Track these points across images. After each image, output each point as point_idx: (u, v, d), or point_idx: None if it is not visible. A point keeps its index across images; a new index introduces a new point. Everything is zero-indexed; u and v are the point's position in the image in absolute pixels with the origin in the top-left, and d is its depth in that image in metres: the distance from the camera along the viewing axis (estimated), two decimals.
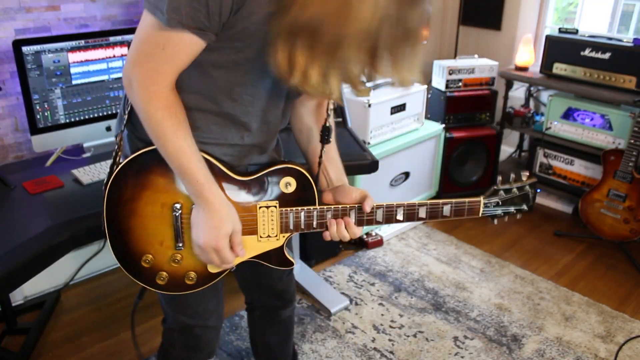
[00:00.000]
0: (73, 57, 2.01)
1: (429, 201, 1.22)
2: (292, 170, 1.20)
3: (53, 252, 1.58)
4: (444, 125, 3.09)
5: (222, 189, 1.15)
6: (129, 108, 1.17)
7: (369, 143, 2.68)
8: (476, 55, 3.34)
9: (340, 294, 2.47)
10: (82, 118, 2.09)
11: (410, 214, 1.23)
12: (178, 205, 1.16)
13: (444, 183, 3.27)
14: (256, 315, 1.65)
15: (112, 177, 1.14)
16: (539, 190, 3.66)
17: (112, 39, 2.10)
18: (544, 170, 3.25)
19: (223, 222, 1.11)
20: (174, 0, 0.92)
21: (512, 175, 1.26)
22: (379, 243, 2.86)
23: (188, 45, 0.99)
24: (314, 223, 1.22)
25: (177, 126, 1.04)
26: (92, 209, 1.72)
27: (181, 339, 1.41)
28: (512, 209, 1.27)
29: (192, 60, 1.03)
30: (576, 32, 3.02)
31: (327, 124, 1.27)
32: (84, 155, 2.14)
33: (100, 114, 2.14)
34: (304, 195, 1.21)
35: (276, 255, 1.26)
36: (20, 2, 2.07)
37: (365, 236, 2.85)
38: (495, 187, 1.25)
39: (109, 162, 1.98)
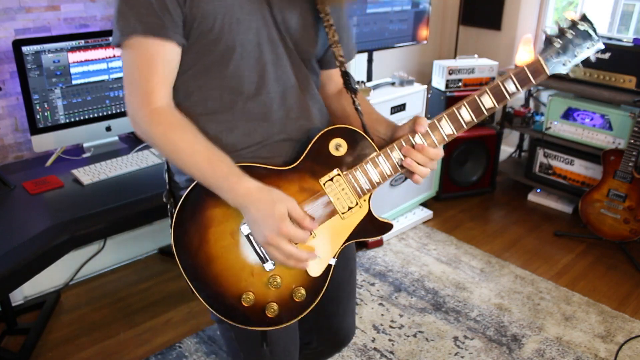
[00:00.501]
0: (73, 57, 2.01)
1: (486, 87, 1.08)
2: (333, 130, 1.10)
3: (53, 252, 1.58)
4: None
5: (278, 186, 1.06)
6: (165, 165, 1.17)
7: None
8: (476, 55, 3.34)
9: None
10: (82, 118, 2.09)
11: (476, 108, 1.09)
12: (245, 226, 1.06)
13: (444, 183, 3.27)
14: (304, 353, 1.49)
15: (173, 234, 1.07)
16: (539, 191, 3.62)
17: (112, 38, 2.10)
18: (544, 170, 3.25)
19: (272, 206, 0.99)
20: (123, 17, 0.96)
21: (557, 21, 1.11)
22: (378, 243, 2.86)
23: (157, 53, 0.98)
24: (386, 169, 1.10)
25: (183, 131, 1.02)
26: (92, 209, 1.72)
27: None
28: (578, 51, 1.11)
29: (175, 69, 1.02)
30: None
31: (344, 69, 1.18)
32: (84, 155, 2.14)
33: (100, 114, 2.14)
34: (360, 148, 1.10)
35: (369, 225, 1.13)
36: (20, 2, 2.07)
37: None
38: (547, 37, 1.10)
39: (109, 162, 2.02)
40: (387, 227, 1.15)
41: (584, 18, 1.10)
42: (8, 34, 2.07)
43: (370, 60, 3.00)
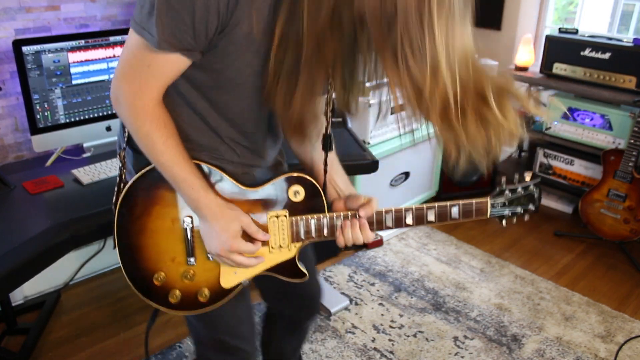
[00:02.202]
0: (73, 57, 2.01)
1: (436, 204, 1.21)
2: (300, 178, 1.19)
3: (53, 252, 1.58)
4: None
5: (232, 200, 1.15)
6: (127, 131, 1.18)
7: (369, 143, 2.68)
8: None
9: (340, 294, 2.47)
10: (82, 118, 2.09)
11: (419, 217, 1.21)
12: (188, 219, 1.16)
13: (444, 183, 3.27)
14: (279, 324, 1.62)
15: (123, 194, 1.14)
16: None
17: (112, 38, 2.10)
18: (544, 170, 3.25)
19: (229, 223, 1.11)
20: (162, 23, 0.92)
21: (516, 176, 1.26)
22: (378, 243, 2.86)
23: (174, 64, 1.00)
24: (325, 231, 1.20)
25: (167, 136, 1.05)
26: (92, 209, 1.72)
27: (218, 356, 1.37)
28: (519, 209, 1.26)
29: (178, 76, 1.04)
30: (576, 32, 3.02)
31: (329, 132, 1.26)
32: (84, 155, 2.14)
33: (100, 114, 2.14)
34: (313, 203, 1.21)
35: (288, 267, 1.25)
36: (20, 2, 2.07)
37: None
38: (500, 188, 1.25)
39: (109, 162, 2.01)
40: (301, 275, 1.26)
41: (538, 185, 1.26)
42: (8, 33, 2.07)
43: None
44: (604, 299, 2.48)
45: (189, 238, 1.17)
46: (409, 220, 1.21)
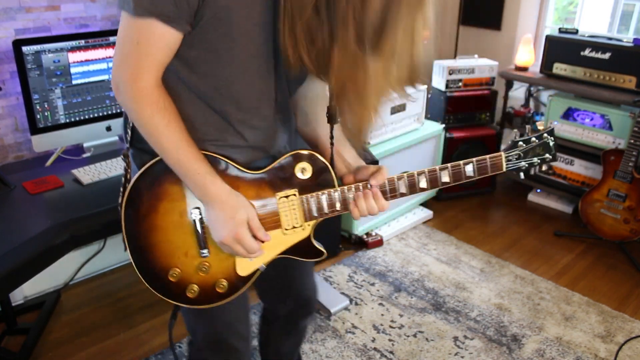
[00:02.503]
0: (73, 57, 2.01)
1: (449, 164, 1.17)
2: (305, 155, 1.16)
3: (53, 252, 1.58)
4: (444, 125, 3.09)
5: (237, 187, 1.13)
6: (131, 124, 1.17)
7: (369, 143, 2.68)
8: (476, 55, 3.34)
9: (340, 294, 2.47)
10: (82, 118, 2.09)
11: (433, 179, 1.17)
12: (196, 211, 1.14)
13: None
14: (275, 325, 1.60)
15: (126, 194, 1.12)
16: (539, 191, 3.63)
17: (112, 38, 2.10)
18: (544, 170, 3.25)
19: (235, 211, 1.09)
20: None
21: (528, 127, 1.22)
22: (378, 243, 2.86)
23: (160, 37, 0.97)
24: (338, 205, 1.18)
25: (169, 119, 1.03)
26: (92, 209, 1.72)
27: (213, 356, 1.36)
28: (535, 159, 1.21)
29: (172, 54, 1.02)
30: (576, 32, 3.02)
31: (332, 103, 1.22)
32: (84, 155, 2.14)
33: (100, 114, 2.14)
34: (322, 178, 1.18)
35: (305, 247, 1.22)
36: (20, 2, 2.07)
37: (365, 236, 2.85)
38: (513, 140, 1.20)
39: (109, 162, 2.02)
40: (320, 254, 1.23)
41: (551, 132, 1.22)
42: (8, 34, 2.07)
43: None
44: (604, 299, 2.48)
45: (199, 230, 1.14)
46: (423, 184, 1.18)
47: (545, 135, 1.20)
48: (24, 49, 1.89)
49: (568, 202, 3.26)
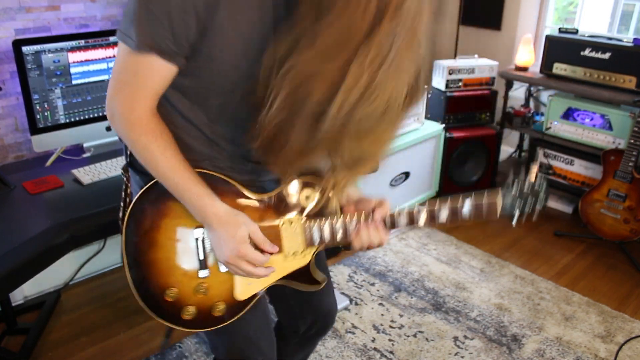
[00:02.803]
0: (73, 57, 2.01)
1: (448, 204, 1.19)
2: (310, 182, 1.17)
3: (53, 252, 1.58)
4: (444, 125, 3.09)
5: (242, 209, 1.12)
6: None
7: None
8: (476, 55, 3.34)
9: (340, 294, 2.47)
10: (82, 118, 2.09)
11: (431, 219, 1.19)
12: (199, 230, 1.13)
13: (444, 183, 3.27)
14: (292, 340, 1.56)
15: (130, 208, 1.11)
16: None
17: (112, 38, 2.10)
18: (544, 170, 3.25)
19: (235, 229, 1.08)
20: (142, 26, 0.94)
21: (522, 174, 1.23)
22: None
23: (158, 70, 0.99)
24: (339, 235, 1.18)
25: (165, 146, 1.04)
26: (92, 209, 1.72)
27: None
28: (527, 206, 1.22)
29: (168, 85, 1.04)
30: (576, 32, 3.02)
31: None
32: (84, 155, 2.14)
33: (100, 114, 2.14)
34: (325, 206, 1.18)
35: (304, 275, 1.22)
36: (20, 2, 2.07)
37: None
38: (509, 184, 1.22)
39: (109, 162, 2.01)
40: (319, 283, 1.24)
41: (544, 179, 1.22)
42: (8, 33, 2.07)
43: None
44: (604, 299, 2.48)
45: (200, 249, 1.13)
46: (421, 221, 1.19)
47: (539, 183, 1.22)
48: (24, 49, 1.89)
49: (568, 202, 3.26)
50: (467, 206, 1.17)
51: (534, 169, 1.23)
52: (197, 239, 1.13)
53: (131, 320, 2.29)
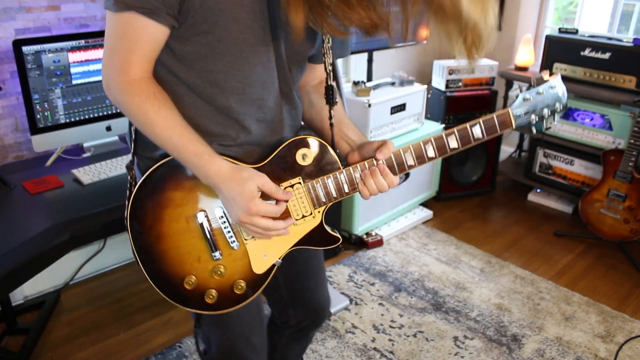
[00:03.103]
0: (73, 57, 2.01)
1: (455, 128, 1.13)
2: (303, 140, 1.13)
3: (53, 252, 1.58)
4: (444, 125, 3.09)
5: None
6: (133, 136, 1.16)
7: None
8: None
9: (340, 294, 2.47)
10: (82, 118, 2.09)
11: (441, 147, 1.13)
12: (202, 214, 1.11)
13: (444, 183, 3.27)
14: (284, 332, 1.57)
15: (130, 206, 1.10)
16: (539, 191, 3.61)
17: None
18: (544, 170, 3.25)
19: (241, 184, 1.03)
20: None
21: (533, 78, 1.14)
22: (378, 243, 2.86)
23: (143, 30, 0.97)
24: (345, 187, 1.14)
25: (159, 105, 1.02)
26: (92, 209, 1.72)
27: None
28: (545, 111, 1.14)
29: (159, 48, 1.02)
30: (576, 32, 3.02)
31: (329, 83, 1.20)
32: (84, 155, 2.14)
33: (100, 114, 2.14)
34: (325, 162, 1.14)
35: (318, 235, 1.18)
36: (20, 2, 2.07)
37: (365, 236, 2.85)
38: (519, 94, 1.14)
39: (109, 162, 2.02)
40: (335, 240, 1.20)
41: (558, 81, 1.15)
42: (8, 33, 2.06)
43: (370, 60, 3.00)
44: (604, 299, 2.48)
45: (208, 232, 1.12)
46: (431, 152, 1.14)
47: (553, 84, 1.13)
48: (24, 49, 1.89)
49: (568, 202, 3.26)
50: (477, 125, 1.12)
51: (545, 74, 1.15)
52: (201, 223, 1.11)
53: (131, 320, 2.29)
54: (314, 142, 1.13)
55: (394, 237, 2.95)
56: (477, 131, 1.12)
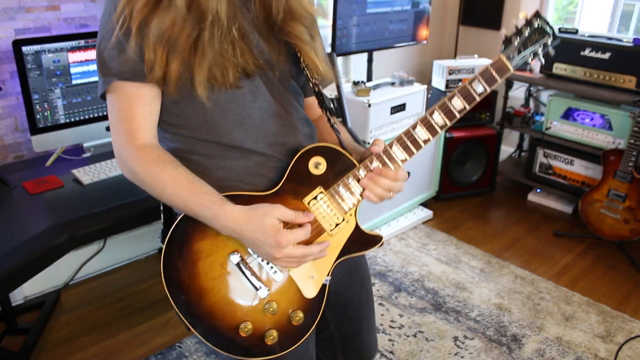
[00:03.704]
0: (73, 57, 2.01)
1: (456, 89, 1.10)
2: (310, 150, 1.10)
3: (53, 252, 1.58)
4: None
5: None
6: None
7: (368, 143, 2.68)
8: (476, 55, 3.34)
9: None
10: (82, 118, 2.09)
11: (447, 112, 1.10)
12: (235, 255, 1.06)
13: (444, 183, 3.27)
14: None
15: (162, 273, 1.06)
16: (539, 191, 3.62)
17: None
18: (544, 170, 3.25)
19: (262, 222, 1.00)
20: (102, 67, 1.03)
21: (513, 21, 1.14)
22: None
23: (136, 94, 1.02)
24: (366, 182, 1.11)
25: (164, 165, 1.02)
26: (92, 209, 1.72)
27: None
28: (537, 46, 1.13)
29: (157, 108, 1.05)
30: (576, 32, 3.02)
31: (317, 90, 1.19)
32: (84, 155, 2.14)
33: (100, 114, 2.14)
34: (339, 164, 1.11)
35: (358, 239, 1.14)
36: (20, 2, 2.07)
37: None
38: (506, 37, 1.13)
39: (109, 162, 2.02)
40: (376, 239, 1.16)
41: (537, 15, 1.13)
42: (8, 33, 2.06)
43: (370, 60, 3.00)
44: (604, 299, 2.48)
45: (246, 272, 1.06)
46: (439, 119, 1.11)
47: (535, 20, 1.12)
48: (24, 49, 1.89)
49: (568, 202, 3.26)
50: (476, 80, 1.10)
51: (523, 14, 1.14)
52: (238, 264, 1.07)
53: (131, 320, 2.29)
54: (322, 148, 1.10)
55: (394, 237, 2.95)
56: (477, 86, 1.10)
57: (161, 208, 1.18)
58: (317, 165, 1.10)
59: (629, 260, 2.76)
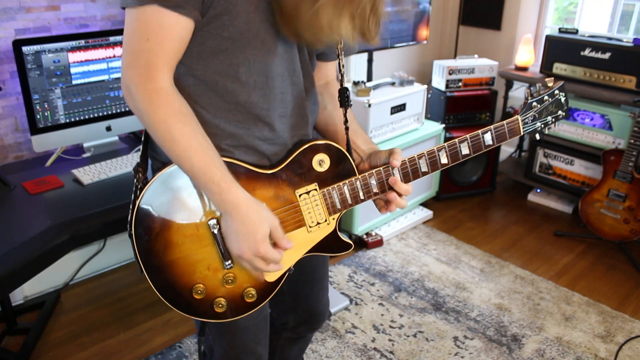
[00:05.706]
0: (73, 57, 2.01)
1: (468, 135, 1.14)
2: (322, 145, 1.10)
3: (53, 252, 1.58)
4: (444, 125, 3.09)
5: (254, 188, 1.06)
6: (143, 137, 1.12)
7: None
8: (476, 55, 3.34)
9: (340, 294, 2.47)
10: (82, 118, 2.09)
11: (454, 154, 1.13)
12: (214, 221, 1.05)
13: (444, 183, 3.27)
14: (283, 334, 1.55)
15: (136, 211, 1.03)
16: (539, 191, 3.62)
17: (112, 38, 2.10)
18: (544, 170, 3.25)
19: (257, 225, 1.00)
20: None
21: (539, 85, 1.18)
22: (378, 243, 2.86)
23: (170, 27, 0.92)
24: (361, 194, 1.12)
25: (184, 122, 0.96)
26: (92, 209, 1.72)
27: None
28: (549, 118, 1.18)
29: (184, 47, 0.97)
30: (576, 32, 3.02)
31: (344, 85, 1.18)
32: (84, 155, 2.14)
33: (100, 114, 2.14)
34: (341, 168, 1.11)
35: (332, 242, 1.16)
36: (20, 2, 2.07)
37: (365, 236, 2.85)
38: (527, 100, 1.17)
39: (109, 162, 2.02)
40: (347, 246, 1.19)
41: (562, 88, 1.20)
42: (8, 34, 2.06)
43: (370, 60, 3.00)
44: (604, 299, 2.48)
45: (221, 241, 1.06)
46: (444, 159, 1.14)
47: (557, 91, 1.17)
48: (24, 49, 1.89)
49: (568, 202, 3.26)
50: (488, 132, 1.14)
51: (550, 81, 1.19)
52: (214, 231, 1.06)
53: (131, 320, 2.29)
54: (331, 148, 1.11)
55: (394, 237, 2.95)
56: (488, 138, 1.15)
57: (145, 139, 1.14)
58: (321, 163, 1.11)
59: (629, 260, 2.76)
